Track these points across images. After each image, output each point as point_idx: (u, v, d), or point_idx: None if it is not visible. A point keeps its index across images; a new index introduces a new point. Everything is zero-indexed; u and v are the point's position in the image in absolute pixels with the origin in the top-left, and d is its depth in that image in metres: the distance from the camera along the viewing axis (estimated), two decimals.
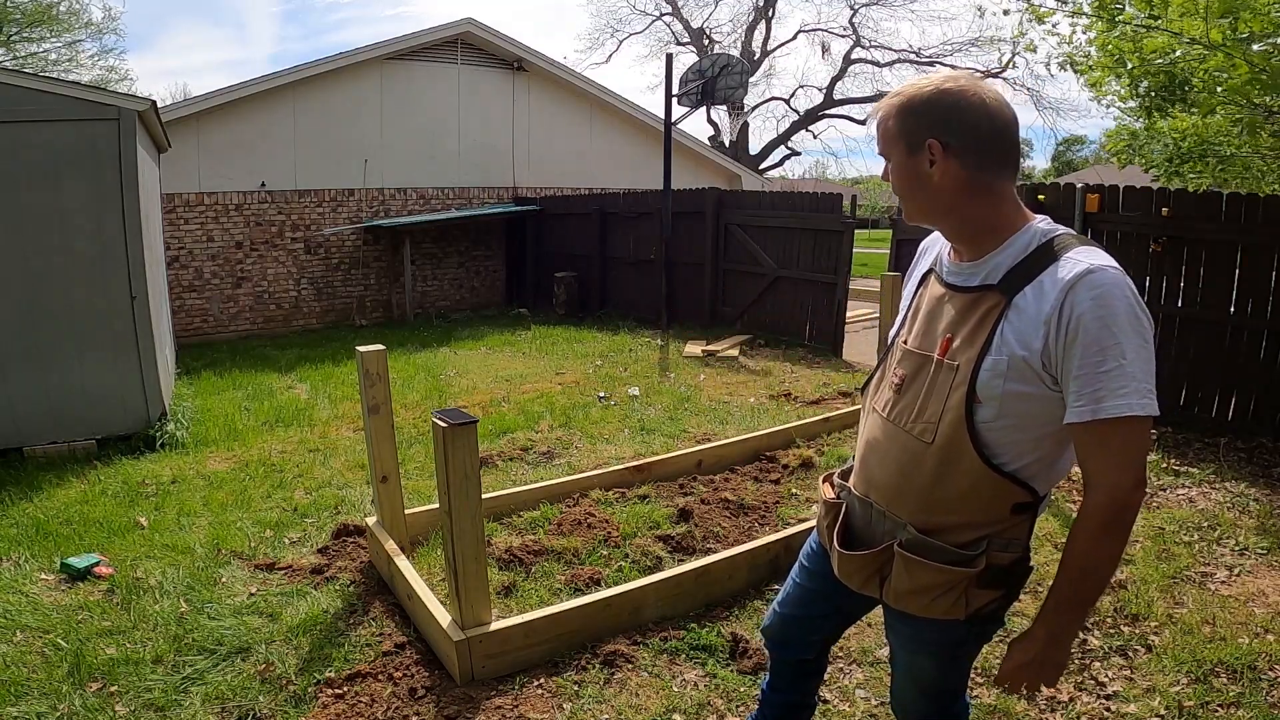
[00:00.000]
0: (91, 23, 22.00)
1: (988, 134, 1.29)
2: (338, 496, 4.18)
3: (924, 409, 1.37)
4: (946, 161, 1.30)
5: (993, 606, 1.40)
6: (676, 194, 9.27)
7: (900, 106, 1.34)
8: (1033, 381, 1.25)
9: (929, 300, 1.45)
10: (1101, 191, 5.69)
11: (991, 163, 1.30)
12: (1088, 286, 1.19)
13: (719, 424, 5.51)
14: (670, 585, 2.89)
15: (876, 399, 1.52)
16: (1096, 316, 1.18)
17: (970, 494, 1.33)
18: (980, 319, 1.30)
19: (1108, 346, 1.17)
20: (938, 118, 1.29)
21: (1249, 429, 4.89)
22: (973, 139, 1.29)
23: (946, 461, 1.34)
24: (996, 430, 1.30)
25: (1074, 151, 41.17)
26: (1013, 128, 1.31)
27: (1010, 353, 1.25)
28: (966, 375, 1.29)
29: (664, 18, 26.19)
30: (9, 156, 4.63)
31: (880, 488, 1.47)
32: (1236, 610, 2.92)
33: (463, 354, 8.43)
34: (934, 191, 1.33)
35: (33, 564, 3.37)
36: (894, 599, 1.45)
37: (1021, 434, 1.30)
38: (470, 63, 11.64)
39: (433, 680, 2.52)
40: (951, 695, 1.64)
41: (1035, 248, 1.29)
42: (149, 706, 2.41)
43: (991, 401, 1.28)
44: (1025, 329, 1.24)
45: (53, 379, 4.85)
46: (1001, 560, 1.35)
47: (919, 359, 1.40)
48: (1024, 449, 1.31)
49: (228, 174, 9.99)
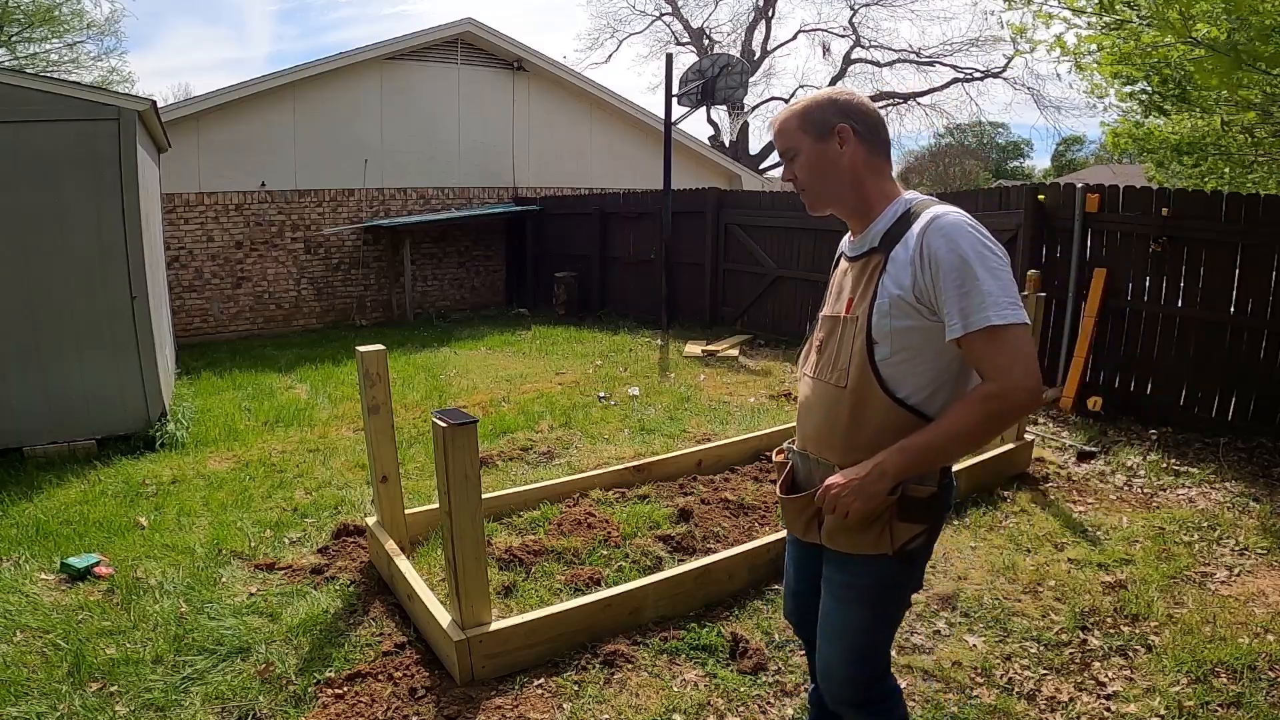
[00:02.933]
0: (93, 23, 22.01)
1: (876, 122, 1.60)
2: (338, 496, 4.18)
3: (837, 360, 1.60)
4: (855, 143, 1.57)
5: (917, 543, 1.57)
6: (676, 194, 9.27)
7: (803, 109, 1.61)
8: (911, 315, 1.48)
9: (837, 276, 1.73)
10: (1101, 191, 5.69)
11: (880, 145, 1.60)
12: (936, 229, 1.46)
13: (719, 424, 5.51)
14: (670, 585, 2.89)
15: (806, 365, 1.75)
16: (949, 251, 1.42)
17: (883, 430, 1.52)
18: (869, 276, 1.56)
19: (964, 274, 1.41)
20: (842, 109, 1.58)
21: (1249, 429, 4.88)
22: (869, 125, 1.59)
23: (859, 403, 1.55)
24: (894, 365, 1.52)
25: (1074, 151, 41.15)
26: (885, 123, 1.64)
27: (890, 294, 1.50)
28: (864, 322, 1.53)
29: (664, 18, 26.19)
30: (9, 156, 4.63)
31: (812, 438, 1.68)
32: (1236, 610, 2.93)
33: (463, 354, 8.43)
34: (843, 171, 1.59)
35: (33, 564, 3.37)
36: (827, 538, 1.62)
37: (916, 366, 1.51)
38: (470, 63, 11.64)
39: (433, 680, 2.52)
40: (877, 660, 1.70)
41: (903, 213, 1.56)
42: (149, 706, 2.41)
43: (884, 339, 1.51)
44: (898, 273, 1.50)
45: (53, 379, 4.85)
46: (919, 493, 1.53)
47: (832, 321, 1.65)
48: (922, 381, 1.52)
49: (228, 174, 9.99)
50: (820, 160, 1.60)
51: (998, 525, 3.74)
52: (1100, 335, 5.68)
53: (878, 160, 1.61)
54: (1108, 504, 4.03)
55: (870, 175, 1.60)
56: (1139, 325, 5.52)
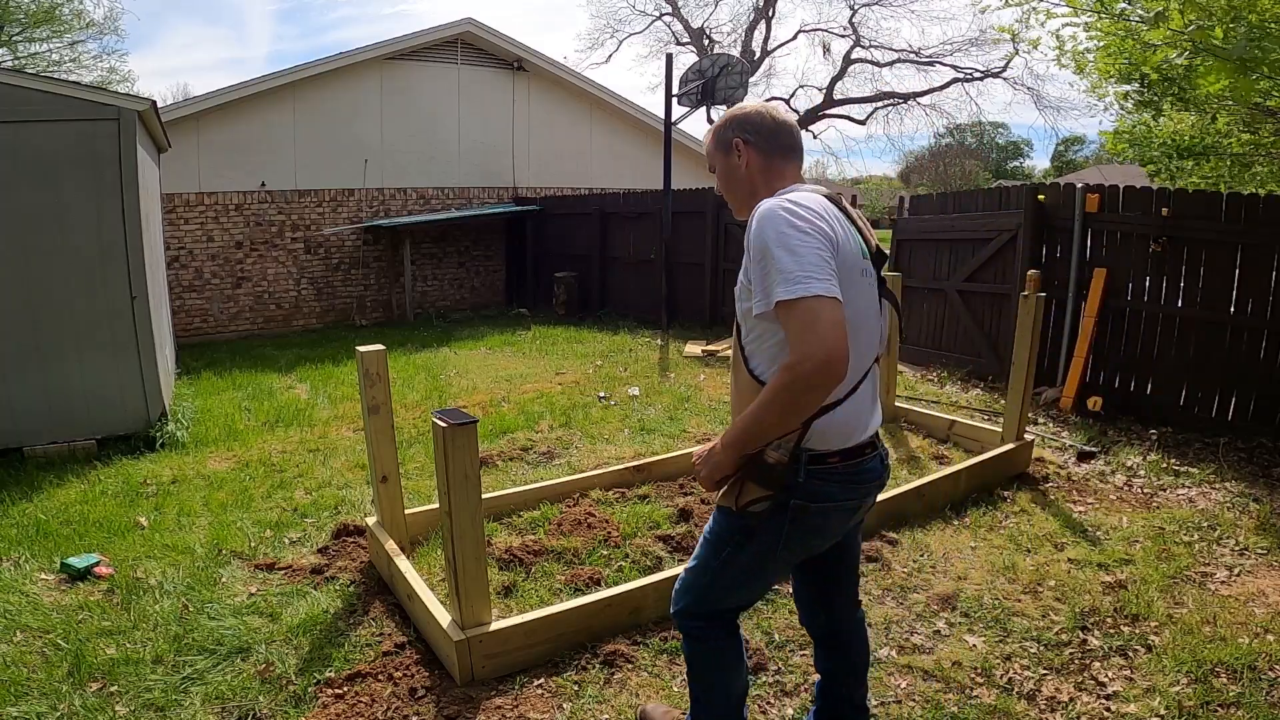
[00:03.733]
0: (94, 23, 22.02)
1: (772, 129, 1.75)
2: (338, 496, 4.18)
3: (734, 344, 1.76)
4: (749, 152, 1.75)
5: (759, 507, 1.65)
6: (676, 194, 9.27)
7: (714, 129, 1.83)
8: (748, 297, 1.61)
9: None
10: (1101, 191, 5.70)
11: (777, 150, 1.75)
12: (755, 218, 1.58)
13: (719, 424, 5.51)
14: (670, 585, 2.87)
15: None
16: (757, 235, 1.55)
17: (749, 404, 1.62)
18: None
19: (765, 254, 1.52)
20: (739, 124, 1.77)
21: (1249, 429, 4.88)
22: (763, 133, 1.75)
23: (737, 380, 1.72)
24: (751, 344, 1.67)
25: (1074, 151, 41.18)
26: (790, 125, 1.78)
27: (740, 282, 1.66)
28: (736, 309, 1.70)
29: (664, 18, 26.17)
30: (9, 156, 4.63)
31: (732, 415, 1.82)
32: (1236, 610, 2.92)
33: (463, 354, 8.43)
34: (741, 179, 1.78)
35: (33, 564, 3.37)
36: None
37: (761, 344, 1.65)
38: (470, 63, 11.64)
39: (433, 680, 2.52)
40: (701, 598, 1.85)
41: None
42: (149, 706, 2.41)
43: (744, 321, 1.68)
44: (744, 262, 1.63)
45: (53, 379, 4.85)
46: (769, 458, 1.60)
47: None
48: (767, 358, 1.64)
49: (228, 174, 9.99)
50: (726, 171, 1.81)
51: (998, 525, 3.74)
52: (1100, 335, 5.68)
53: (775, 163, 1.75)
54: (1108, 504, 4.03)
55: (763, 178, 1.75)
56: (1139, 325, 5.52)
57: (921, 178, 39.09)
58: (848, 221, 1.67)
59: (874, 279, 1.70)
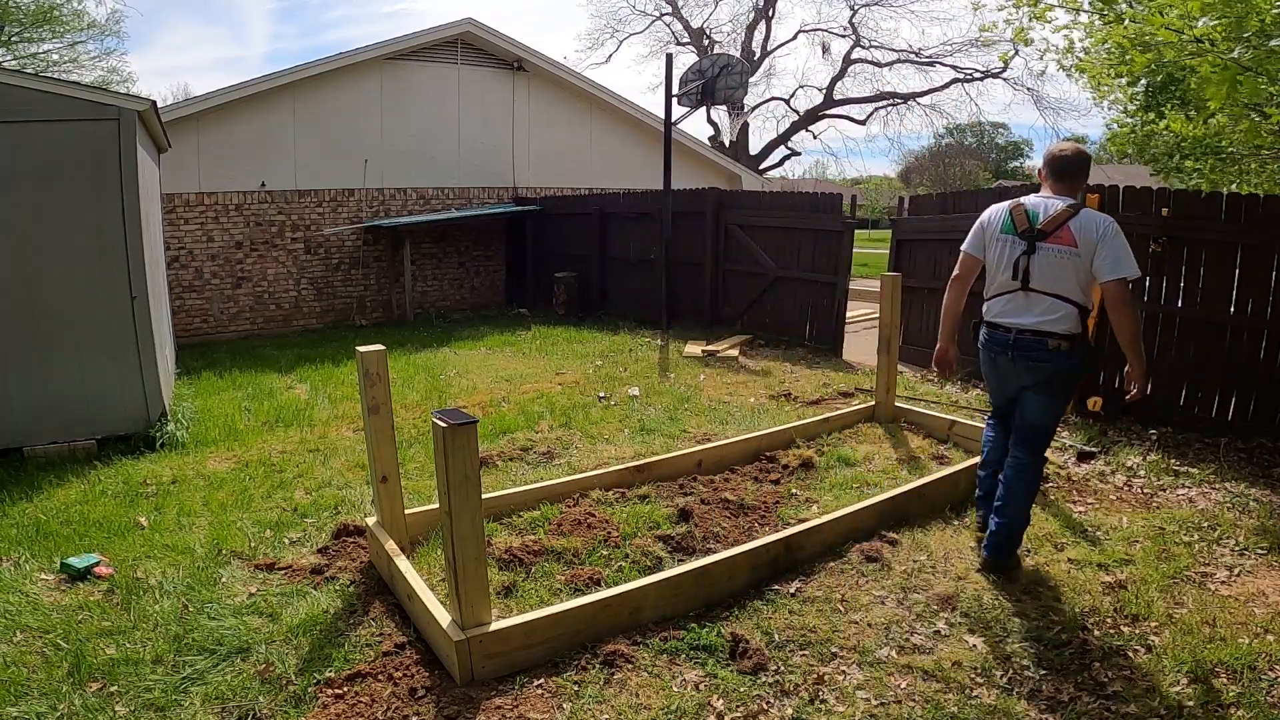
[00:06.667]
0: (94, 24, 22.03)
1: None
2: (338, 496, 4.18)
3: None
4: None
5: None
6: (676, 194, 9.26)
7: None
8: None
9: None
10: (1101, 191, 5.69)
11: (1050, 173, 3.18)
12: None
13: (719, 424, 5.51)
14: (670, 585, 2.89)
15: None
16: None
17: None
18: None
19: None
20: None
21: (1249, 429, 4.88)
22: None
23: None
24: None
25: None
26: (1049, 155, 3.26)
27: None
28: None
29: (664, 18, 26.20)
30: (9, 156, 4.63)
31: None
32: (1236, 610, 2.93)
33: (463, 354, 8.43)
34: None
35: (33, 564, 3.37)
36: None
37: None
38: (470, 63, 11.64)
39: (433, 680, 2.52)
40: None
41: None
42: (149, 706, 2.41)
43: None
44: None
45: (53, 379, 4.85)
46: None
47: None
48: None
49: (228, 174, 9.99)
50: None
51: None
52: (1100, 335, 5.67)
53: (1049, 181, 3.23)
54: (1108, 504, 4.03)
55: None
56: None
57: (921, 178, 39.09)
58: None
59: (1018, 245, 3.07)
